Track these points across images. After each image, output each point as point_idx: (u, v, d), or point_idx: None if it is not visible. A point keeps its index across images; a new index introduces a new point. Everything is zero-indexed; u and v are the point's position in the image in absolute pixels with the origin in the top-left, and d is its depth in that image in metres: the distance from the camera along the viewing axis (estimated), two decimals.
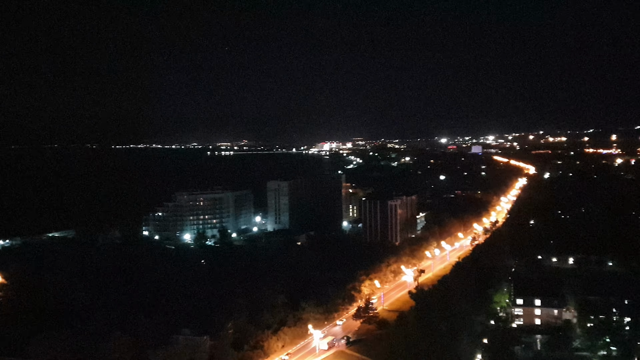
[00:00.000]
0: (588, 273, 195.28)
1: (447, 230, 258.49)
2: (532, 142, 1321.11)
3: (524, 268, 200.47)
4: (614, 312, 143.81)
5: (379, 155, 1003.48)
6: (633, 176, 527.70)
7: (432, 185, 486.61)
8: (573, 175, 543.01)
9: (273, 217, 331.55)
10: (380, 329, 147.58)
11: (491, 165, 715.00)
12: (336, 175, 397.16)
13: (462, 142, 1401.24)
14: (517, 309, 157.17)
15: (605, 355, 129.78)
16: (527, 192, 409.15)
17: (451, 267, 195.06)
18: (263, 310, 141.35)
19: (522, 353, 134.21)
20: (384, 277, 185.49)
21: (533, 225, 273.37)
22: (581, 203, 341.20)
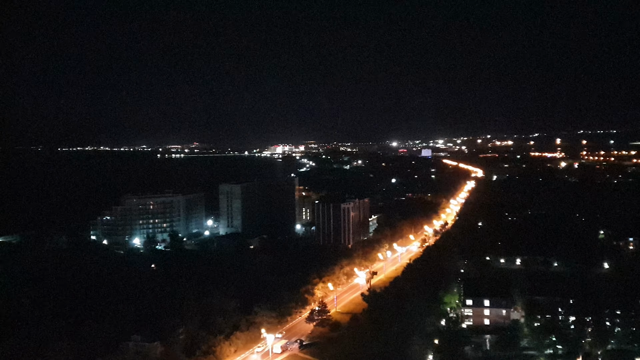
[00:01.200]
0: (535, 273, 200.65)
1: (398, 232, 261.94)
2: (480, 146, 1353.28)
3: (473, 269, 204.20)
4: (560, 312, 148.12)
5: (331, 158, 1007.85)
6: (576, 179, 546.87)
7: (383, 188, 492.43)
8: (519, 178, 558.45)
9: (225, 221, 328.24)
10: (333, 331, 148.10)
11: (441, 169, 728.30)
12: (289, 178, 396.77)
13: (412, 145, 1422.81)
14: (466, 309, 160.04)
15: (552, 354, 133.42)
16: (476, 195, 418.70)
17: (403, 269, 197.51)
18: (215, 315, 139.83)
19: (471, 353, 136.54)
20: (337, 280, 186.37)
21: (481, 227, 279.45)
22: (527, 205, 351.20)
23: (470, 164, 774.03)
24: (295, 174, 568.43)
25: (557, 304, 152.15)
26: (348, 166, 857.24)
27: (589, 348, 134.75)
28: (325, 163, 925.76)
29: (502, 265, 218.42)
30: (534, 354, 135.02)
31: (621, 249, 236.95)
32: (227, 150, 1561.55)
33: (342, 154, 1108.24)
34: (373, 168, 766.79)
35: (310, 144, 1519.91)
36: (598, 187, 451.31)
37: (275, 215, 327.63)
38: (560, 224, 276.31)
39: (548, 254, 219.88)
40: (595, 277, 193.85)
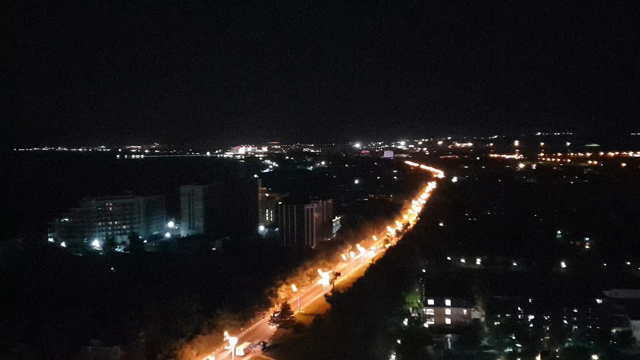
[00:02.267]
0: (494, 273, 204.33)
1: (361, 233, 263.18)
2: (441, 148, 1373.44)
3: (434, 269, 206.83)
4: (519, 311, 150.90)
5: (294, 159, 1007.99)
6: (534, 180, 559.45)
7: (346, 189, 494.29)
8: (479, 179, 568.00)
9: (187, 223, 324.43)
10: (296, 333, 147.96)
11: (403, 170, 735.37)
12: (252, 180, 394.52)
13: (375, 147, 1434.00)
14: (428, 309, 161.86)
15: (511, 352, 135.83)
16: (437, 196, 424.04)
17: (366, 270, 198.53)
18: (177, 318, 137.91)
19: (433, 352, 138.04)
20: (301, 281, 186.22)
21: (442, 228, 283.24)
22: (487, 206, 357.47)
23: (431, 165, 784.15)
24: (258, 175, 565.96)
25: (517, 303, 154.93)
26: (311, 167, 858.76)
27: (547, 346, 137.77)
28: (288, 164, 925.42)
29: (463, 265, 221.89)
30: (494, 352, 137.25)
31: (578, 248, 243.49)
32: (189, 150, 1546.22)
33: (306, 155, 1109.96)
34: (336, 169, 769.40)
35: (273, 145, 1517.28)
36: (555, 188, 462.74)
37: (238, 216, 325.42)
38: (519, 224, 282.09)
39: (507, 253, 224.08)
40: (553, 276, 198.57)
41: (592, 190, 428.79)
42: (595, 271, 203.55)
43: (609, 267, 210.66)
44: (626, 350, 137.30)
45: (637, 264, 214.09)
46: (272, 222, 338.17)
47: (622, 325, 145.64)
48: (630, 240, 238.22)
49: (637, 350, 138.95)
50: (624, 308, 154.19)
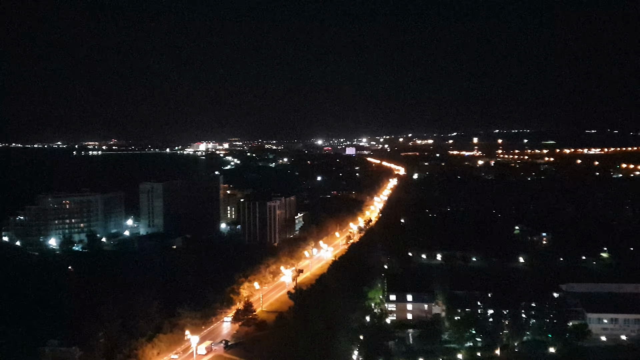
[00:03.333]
0: (454, 268, 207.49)
1: (324, 230, 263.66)
2: (402, 144, 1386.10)
3: (396, 265, 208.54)
4: (479, 305, 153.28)
5: (256, 156, 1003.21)
6: (493, 176, 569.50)
7: (309, 186, 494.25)
8: (439, 176, 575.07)
9: (146, 220, 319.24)
10: (259, 330, 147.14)
11: (365, 166, 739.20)
12: (213, 176, 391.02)
13: (337, 144, 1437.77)
14: (390, 304, 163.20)
15: (471, 346, 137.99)
16: (398, 192, 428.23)
17: (328, 266, 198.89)
18: (137, 318, 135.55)
19: (395, 347, 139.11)
20: (263, 279, 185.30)
21: (404, 224, 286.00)
22: (447, 202, 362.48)
23: (392, 162, 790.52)
24: (219, 171, 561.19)
25: (476, 298, 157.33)
26: (273, 164, 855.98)
27: (506, 340, 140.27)
28: (250, 161, 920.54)
29: (424, 261, 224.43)
30: (455, 346, 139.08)
31: (535, 243, 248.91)
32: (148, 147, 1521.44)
33: (268, 152, 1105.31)
34: (298, 166, 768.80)
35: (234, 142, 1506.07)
36: (513, 185, 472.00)
37: (199, 214, 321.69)
38: (478, 220, 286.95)
39: (467, 249, 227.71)
40: (511, 271, 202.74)
41: (549, 187, 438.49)
42: (552, 266, 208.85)
43: (565, 261, 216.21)
44: (582, 343, 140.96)
45: (592, 259, 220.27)
46: (234, 220, 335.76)
47: (578, 319, 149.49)
48: (585, 235, 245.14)
49: (592, 343, 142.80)
50: (579, 302, 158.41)
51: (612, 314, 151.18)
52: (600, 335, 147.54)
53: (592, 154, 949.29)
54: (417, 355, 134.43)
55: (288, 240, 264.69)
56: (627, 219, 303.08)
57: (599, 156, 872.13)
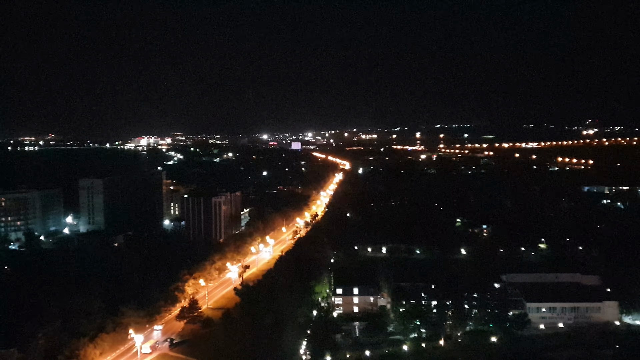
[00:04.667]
0: (399, 261, 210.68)
1: (270, 225, 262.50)
2: (347, 139, 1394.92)
3: (342, 259, 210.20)
4: (423, 297, 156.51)
5: (200, 151, 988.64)
6: (435, 170, 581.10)
7: (255, 181, 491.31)
8: (384, 170, 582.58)
9: (86, 218, 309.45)
10: (205, 328, 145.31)
11: (310, 161, 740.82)
12: (155, 172, 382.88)
13: (282, 138, 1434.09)
14: (337, 298, 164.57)
15: (416, 337, 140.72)
16: (344, 187, 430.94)
17: (275, 261, 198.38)
18: (78, 318, 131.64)
19: (342, 340, 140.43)
20: (209, 275, 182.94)
21: (350, 218, 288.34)
22: (391, 196, 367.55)
23: (338, 156, 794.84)
24: (162, 167, 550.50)
25: (420, 290, 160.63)
26: (218, 159, 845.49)
27: (449, 330, 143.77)
28: (194, 156, 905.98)
29: (370, 254, 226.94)
30: (400, 338, 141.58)
31: (476, 236, 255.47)
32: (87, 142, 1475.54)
33: (212, 147, 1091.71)
34: (244, 161, 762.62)
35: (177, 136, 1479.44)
36: (454, 178, 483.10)
37: (142, 210, 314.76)
38: (421, 213, 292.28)
39: (411, 242, 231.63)
40: (454, 263, 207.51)
41: (489, 180, 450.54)
42: (493, 257, 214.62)
43: (505, 252, 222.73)
44: (522, 332, 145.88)
45: (531, 250, 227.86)
46: (178, 216, 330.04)
47: (518, 308, 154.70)
48: (523, 227, 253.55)
49: (532, 331, 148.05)
50: (519, 292, 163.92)
51: (550, 303, 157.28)
52: (539, 324, 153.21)
53: (529, 148, 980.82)
54: (364, 348, 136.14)
55: (234, 236, 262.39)
56: (563, 211, 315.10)
57: (536, 150, 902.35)
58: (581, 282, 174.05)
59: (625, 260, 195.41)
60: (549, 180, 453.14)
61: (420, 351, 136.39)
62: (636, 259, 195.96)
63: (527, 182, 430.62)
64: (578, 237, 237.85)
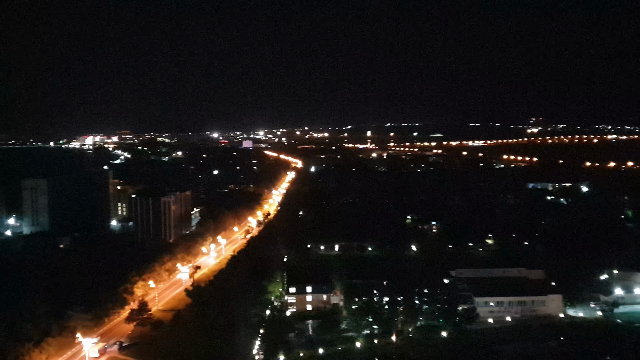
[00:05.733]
0: (351, 258, 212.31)
1: (222, 225, 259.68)
2: (299, 137, 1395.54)
3: (295, 257, 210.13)
4: (375, 294, 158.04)
5: (148, 149, 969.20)
6: (385, 168, 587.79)
7: (205, 180, 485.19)
8: (335, 168, 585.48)
9: (30, 219, 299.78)
10: (155, 330, 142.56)
11: (262, 160, 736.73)
12: (102, 171, 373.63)
13: (233, 136, 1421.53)
14: (290, 297, 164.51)
15: (369, 334, 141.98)
16: (296, 185, 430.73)
17: (227, 261, 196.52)
18: (22, 322, 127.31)
19: (295, 339, 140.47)
20: (159, 277, 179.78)
21: (302, 216, 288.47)
22: (343, 194, 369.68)
23: (290, 155, 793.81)
24: (109, 166, 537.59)
25: (372, 286, 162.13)
26: (167, 158, 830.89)
27: (401, 326, 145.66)
28: (141, 155, 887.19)
29: (322, 252, 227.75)
30: (353, 335, 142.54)
31: (426, 232, 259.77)
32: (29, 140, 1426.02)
33: (160, 145, 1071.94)
34: (194, 160, 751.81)
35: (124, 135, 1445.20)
36: (404, 176, 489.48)
37: (88, 211, 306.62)
38: (373, 211, 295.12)
39: (363, 239, 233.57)
40: (404, 259, 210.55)
41: (437, 178, 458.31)
42: (442, 253, 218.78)
43: (454, 248, 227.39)
44: (471, 326, 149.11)
45: (479, 245, 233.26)
46: (126, 216, 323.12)
47: (467, 303, 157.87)
48: (471, 223, 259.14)
49: (480, 325, 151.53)
50: (468, 286, 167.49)
51: (497, 297, 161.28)
52: (488, 318, 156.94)
53: (476, 145, 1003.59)
54: (317, 346, 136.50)
55: (184, 236, 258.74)
56: (509, 207, 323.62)
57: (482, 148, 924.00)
58: (527, 276, 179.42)
59: (569, 254, 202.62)
60: (495, 177, 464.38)
61: (373, 347, 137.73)
62: (579, 253, 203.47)
63: (474, 179, 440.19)
64: (523, 232, 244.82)
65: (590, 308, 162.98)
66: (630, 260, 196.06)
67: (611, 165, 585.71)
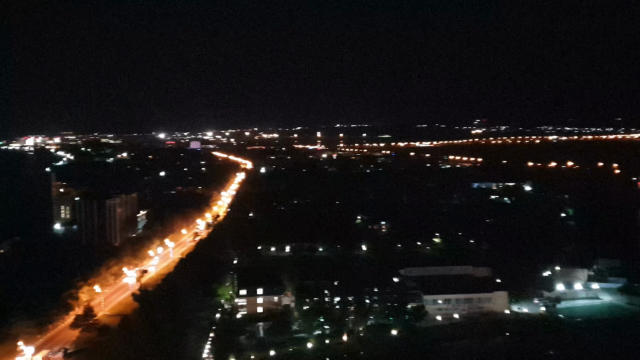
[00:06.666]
0: (302, 259, 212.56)
1: (169, 228, 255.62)
2: (248, 138, 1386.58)
3: (246, 259, 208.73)
4: (326, 294, 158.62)
5: (92, 151, 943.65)
6: (335, 169, 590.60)
7: (152, 182, 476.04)
8: (286, 169, 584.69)
9: None
10: (101, 336, 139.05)
11: (211, 161, 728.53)
12: (44, 173, 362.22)
13: (180, 137, 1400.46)
14: (240, 299, 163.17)
15: (320, 334, 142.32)
16: (246, 186, 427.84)
17: (175, 265, 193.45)
18: None
19: (246, 342, 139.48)
20: (105, 281, 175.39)
21: (252, 218, 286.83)
22: (294, 195, 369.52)
23: (239, 156, 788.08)
24: (51, 168, 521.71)
25: (324, 287, 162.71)
26: (112, 159, 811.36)
27: (352, 325, 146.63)
28: (85, 156, 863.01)
29: (273, 254, 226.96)
30: (304, 336, 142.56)
31: (375, 232, 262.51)
32: None
33: (105, 146, 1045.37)
34: (140, 161, 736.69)
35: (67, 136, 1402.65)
36: (354, 176, 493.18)
37: (29, 215, 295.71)
38: (323, 211, 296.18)
39: (313, 240, 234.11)
40: (355, 259, 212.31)
41: (386, 178, 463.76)
42: (391, 252, 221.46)
43: (403, 247, 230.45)
44: (420, 324, 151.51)
45: (426, 244, 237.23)
46: (70, 219, 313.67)
47: (416, 301, 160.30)
48: (419, 222, 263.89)
49: (429, 323, 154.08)
50: (416, 285, 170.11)
51: (445, 295, 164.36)
52: (436, 315, 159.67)
53: (423, 146, 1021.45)
54: (268, 348, 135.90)
55: (130, 239, 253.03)
56: (455, 207, 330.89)
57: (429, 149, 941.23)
58: (473, 274, 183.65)
59: (513, 252, 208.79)
60: (442, 177, 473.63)
61: (324, 348, 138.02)
62: (522, 250, 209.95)
63: (421, 179, 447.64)
64: (469, 231, 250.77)
65: (534, 304, 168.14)
66: (571, 257, 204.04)
67: (552, 165, 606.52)
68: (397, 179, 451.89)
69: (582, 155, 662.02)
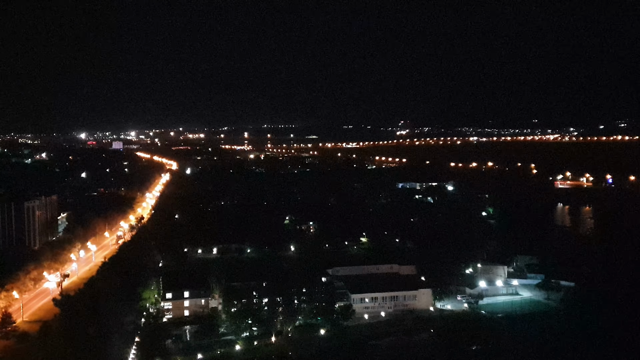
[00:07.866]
0: (230, 261, 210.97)
1: (91, 230, 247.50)
2: (173, 139, 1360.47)
3: (172, 262, 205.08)
4: (254, 295, 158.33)
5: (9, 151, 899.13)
6: (263, 170, 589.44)
7: (73, 184, 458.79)
8: (212, 170, 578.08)
9: None
10: (20, 343, 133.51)
11: (134, 162, 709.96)
12: None
13: (102, 137, 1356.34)
14: (166, 303, 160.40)
15: (248, 336, 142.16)
16: (171, 188, 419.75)
17: (98, 268, 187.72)
18: None
19: (172, 346, 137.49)
20: (23, 287, 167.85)
21: (178, 220, 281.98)
22: (221, 196, 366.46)
23: (164, 156, 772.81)
24: None
25: (252, 288, 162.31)
26: (29, 160, 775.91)
27: (280, 326, 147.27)
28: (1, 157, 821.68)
29: (200, 256, 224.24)
30: (232, 338, 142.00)
31: (303, 232, 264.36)
32: None
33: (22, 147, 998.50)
34: (59, 162, 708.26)
35: None
36: (282, 177, 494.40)
37: None
38: (251, 212, 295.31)
39: (241, 241, 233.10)
40: (283, 260, 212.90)
41: (314, 179, 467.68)
42: (319, 252, 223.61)
43: (330, 247, 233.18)
44: (348, 322, 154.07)
45: (353, 243, 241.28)
46: None
47: (343, 300, 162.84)
48: (346, 222, 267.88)
49: (357, 321, 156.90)
50: (344, 284, 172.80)
51: (372, 293, 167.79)
52: (364, 314, 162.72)
53: (349, 147, 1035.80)
54: (195, 351, 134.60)
55: (50, 243, 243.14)
56: (380, 206, 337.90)
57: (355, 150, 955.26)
58: (399, 272, 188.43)
59: (436, 250, 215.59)
60: (368, 178, 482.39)
61: (252, 349, 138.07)
62: (445, 248, 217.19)
63: (348, 180, 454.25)
64: (395, 230, 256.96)
65: (457, 301, 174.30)
66: (492, 254, 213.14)
67: (473, 165, 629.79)
68: (325, 179, 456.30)
69: (502, 155, 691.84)
